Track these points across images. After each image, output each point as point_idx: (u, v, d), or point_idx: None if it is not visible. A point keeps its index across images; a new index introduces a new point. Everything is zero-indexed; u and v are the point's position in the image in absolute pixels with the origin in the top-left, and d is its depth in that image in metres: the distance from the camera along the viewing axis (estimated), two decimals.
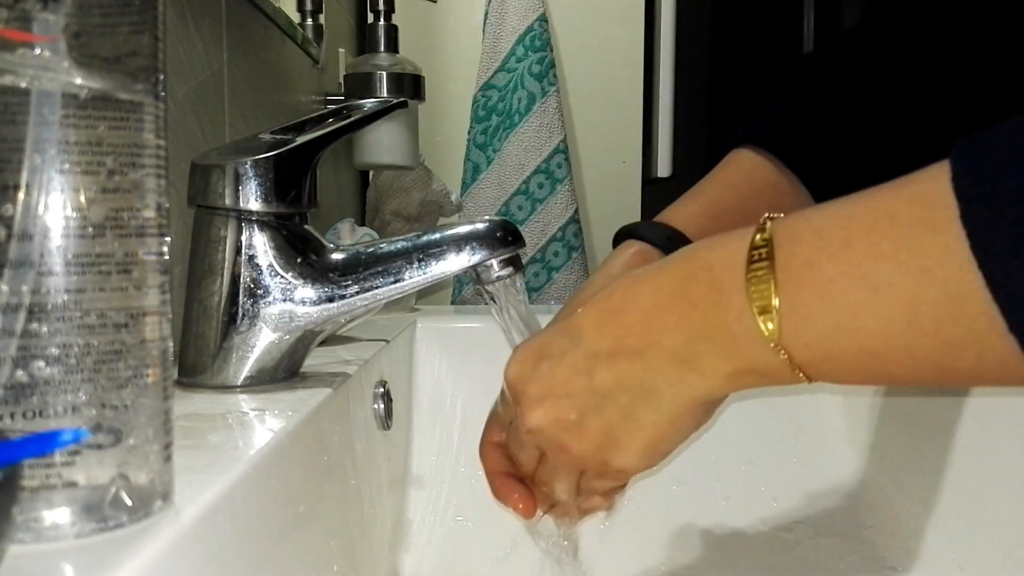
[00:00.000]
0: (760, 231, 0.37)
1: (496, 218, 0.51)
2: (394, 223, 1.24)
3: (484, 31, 1.52)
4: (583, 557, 0.55)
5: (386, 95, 1.09)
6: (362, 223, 1.28)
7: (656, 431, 0.42)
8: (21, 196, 0.25)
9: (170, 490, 0.29)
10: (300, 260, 0.49)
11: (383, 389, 0.63)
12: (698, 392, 0.40)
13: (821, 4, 1.84)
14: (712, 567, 0.68)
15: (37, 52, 0.24)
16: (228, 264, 0.48)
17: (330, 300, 0.49)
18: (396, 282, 0.50)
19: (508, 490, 0.50)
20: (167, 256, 0.28)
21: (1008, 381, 0.34)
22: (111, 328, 0.26)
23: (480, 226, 0.51)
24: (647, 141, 1.66)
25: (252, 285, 0.48)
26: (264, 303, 0.48)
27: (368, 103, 0.55)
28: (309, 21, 1.03)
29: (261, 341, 0.49)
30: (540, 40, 1.51)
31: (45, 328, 0.25)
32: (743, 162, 0.61)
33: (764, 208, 0.42)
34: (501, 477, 0.51)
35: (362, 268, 0.49)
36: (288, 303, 0.49)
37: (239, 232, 0.48)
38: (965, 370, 0.33)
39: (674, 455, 0.44)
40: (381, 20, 1.12)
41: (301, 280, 0.49)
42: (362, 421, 0.57)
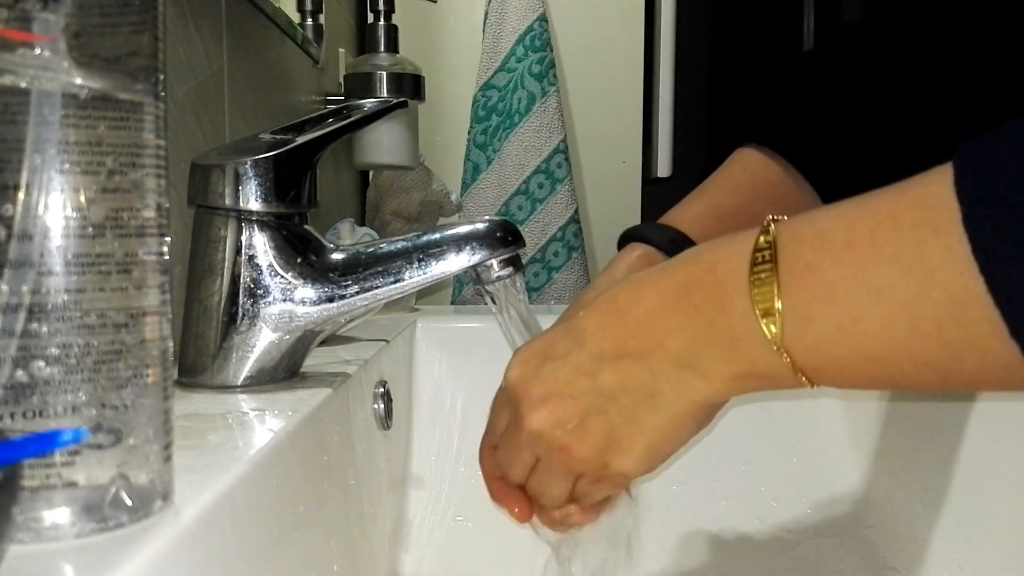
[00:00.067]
0: (764, 233, 0.37)
1: (496, 218, 0.51)
2: (394, 223, 1.24)
3: (484, 31, 1.52)
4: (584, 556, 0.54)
5: (386, 95, 1.09)
6: (362, 223, 1.28)
7: (658, 434, 0.42)
8: (21, 196, 0.25)
9: (170, 490, 0.29)
10: (300, 260, 0.49)
11: (383, 389, 0.63)
12: (700, 395, 0.40)
13: (821, 4, 1.84)
14: (712, 567, 0.68)
15: (37, 52, 0.24)
16: (228, 264, 0.48)
17: (330, 300, 0.49)
18: (396, 282, 0.49)
19: (506, 494, 0.50)
20: (167, 256, 0.28)
21: (1011, 386, 0.33)
22: (111, 328, 0.26)
23: (480, 226, 0.51)
24: (647, 141, 1.66)
25: (252, 285, 0.48)
26: (264, 303, 0.48)
27: (368, 103, 0.55)
28: (309, 21, 1.03)
29: (261, 341, 0.49)
30: (540, 40, 1.51)
31: (45, 328, 0.25)
32: (748, 161, 0.61)
33: (769, 209, 0.42)
34: (499, 481, 0.50)
35: (362, 268, 0.49)
36: (288, 303, 0.49)
37: (239, 232, 0.48)
38: (968, 374, 0.33)
39: (671, 460, 0.44)
40: (381, 20, 1.12)
41: (301, 280, 0.49)
42: (362, 421, 0.57)
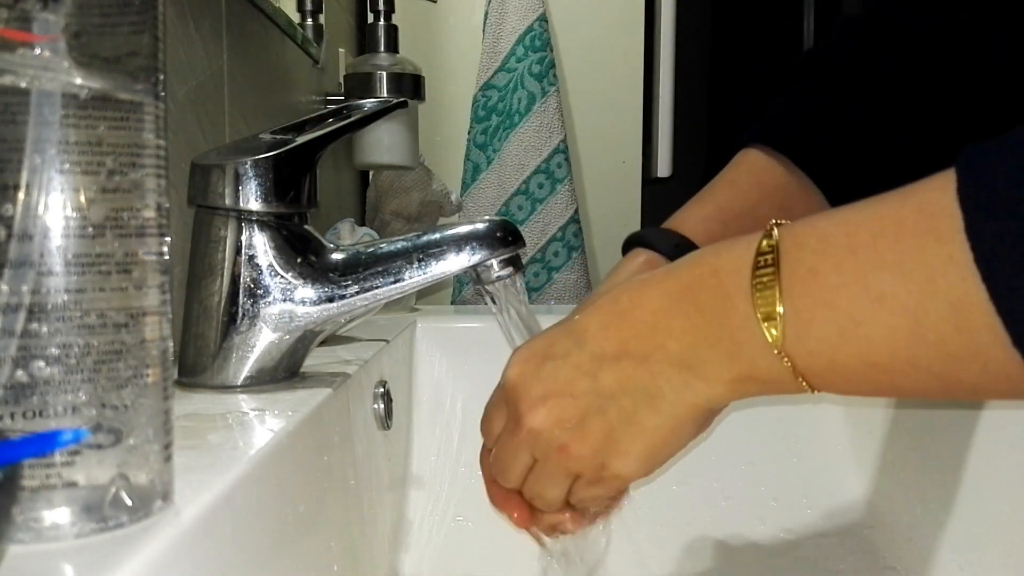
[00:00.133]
0: (767, 237, 0.37)
1: (496, 218, 0.51)
2: (394, 223, 1.24)
3: (484, 31, 1.52)
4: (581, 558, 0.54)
5: (386, 95, 1.09)
6: (362, 223, 1.28)
7: (658, 436, 0.42)
8: (21, 196, 0.25)
9: (170, 490, 0.29)
10: (300, 260, 0.49)
11: (383, 389, 0.63)
12: (701, 398, 0.40)
13: (821, 4, 1.84)
14: (712, 567, 0.68)
15: (37, 52, 0.24)
16: (228, 264, 0.48)
17: (330, 300, 0.49)
18: (396, 282, 0.49)
19: (505, 498, 0.50)
20: (167, 256, 0.28)
21: (1013, 395, 0.33)
22: (111, 328, 0.26)
23: (480, 226, 0.51)
24: (647, 141, 1.66)
25: (252, 285, 0.48)
26: (264, 303, 0.48)
27: (368, 103, 0.55)
28: (309, 21, 1.03)
29: (261, 341, 0.49)
30: (540, 40, 1.51)
31: (45, 328, 0.25)
32: (752, 163, 0.61)
33: (774, 212, 0.42)
34: (499, 485, 0.50)
35: (362, 268, 0.49)
36: (288, 303, 0.49)
37: (239, 232, 0.48)
38: (969, 382, 0.33)
39: (669, 464, 0.44)
40: (381, 20, 1.12)
41: (301, 280, 0.49)
42: (362, 421, 0.57)
